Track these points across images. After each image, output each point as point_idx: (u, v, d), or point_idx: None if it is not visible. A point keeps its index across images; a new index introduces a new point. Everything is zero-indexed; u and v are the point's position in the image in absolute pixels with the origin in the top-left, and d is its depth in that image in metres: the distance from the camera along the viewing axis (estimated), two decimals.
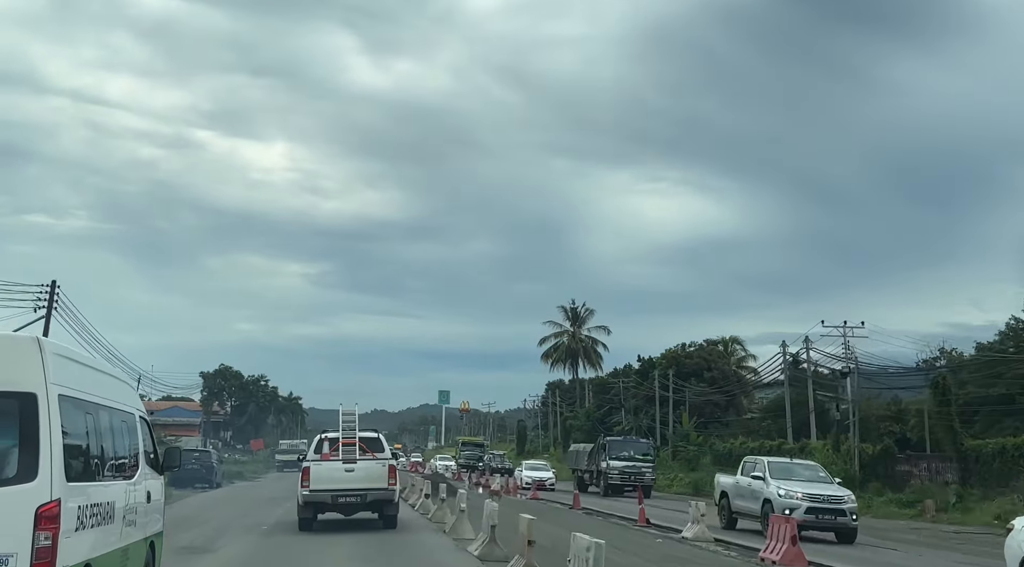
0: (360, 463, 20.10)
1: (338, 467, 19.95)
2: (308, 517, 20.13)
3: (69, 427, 7.39)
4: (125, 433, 9.58)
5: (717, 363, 62.24)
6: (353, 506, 20.30)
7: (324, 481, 19.76)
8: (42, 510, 6.73)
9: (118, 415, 9.34)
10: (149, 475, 10.28)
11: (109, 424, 8.90)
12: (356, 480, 19.87)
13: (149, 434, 10.72)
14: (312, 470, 19.87)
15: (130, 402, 10.29)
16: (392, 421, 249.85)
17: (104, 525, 8.15)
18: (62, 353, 7.85)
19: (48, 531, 6.73)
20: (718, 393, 59.31)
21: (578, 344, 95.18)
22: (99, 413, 8.52)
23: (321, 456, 20.54)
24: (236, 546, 18.12)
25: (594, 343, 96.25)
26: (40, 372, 7.08)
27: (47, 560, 6.72)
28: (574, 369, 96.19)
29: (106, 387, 9.13)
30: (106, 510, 8.21)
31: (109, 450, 8.79)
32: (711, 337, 66.51)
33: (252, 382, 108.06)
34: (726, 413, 61.59)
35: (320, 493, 19.75)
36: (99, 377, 9.11)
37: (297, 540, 18.82)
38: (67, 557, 7.00)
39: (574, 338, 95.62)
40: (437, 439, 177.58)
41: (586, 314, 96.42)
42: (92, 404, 8.33)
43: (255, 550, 17.58)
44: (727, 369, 62.66)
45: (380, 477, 19.99)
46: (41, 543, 6.68)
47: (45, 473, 6.82)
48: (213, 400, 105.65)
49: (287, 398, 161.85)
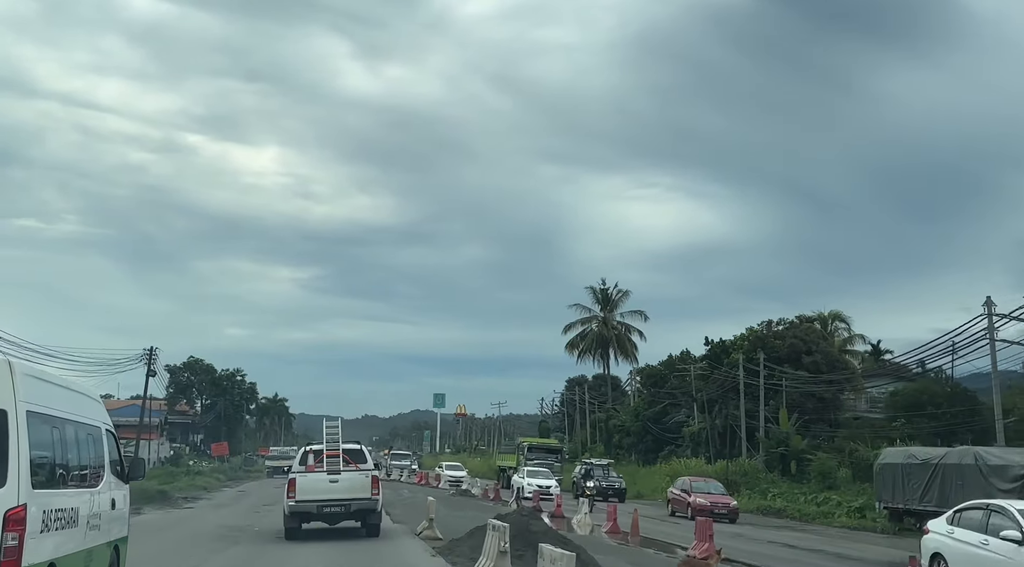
0: (344, 474, 20.45)
1: (323, 478, 20.29)
2: (294, 526, 20.41)
3: (36, 440, 8.09)
4: (91, 445, 10.16)
5: (819, 345, 47.77)
6: (337, 515, 20.60)
7: (310, 492, 20.13)
8: (10, 514, 7.45)
9: (84, 428, 9.98)
10: (114, 484, 10.88)
11: (75, 437, 9.55)
12: (340, 491, 20.25)
13: (116, 446, 11.33)
14: (298, 481, 20.27)
15: (97, 417, 10.80)
16: (383, 427, 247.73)
17: (68, 529, 8.83)
18: (32, 373, 8.70)
19: (15, 532, 7.46)
20: (830, 381, 44.94)
21: (610, 331, 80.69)
22: (66, 427, 9.24)
23: (306, 468, 20.78)
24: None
25: (628, 330, 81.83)
26: (10, 391, 7.82)
27: (14, 558, 7.43)
28: (604, 361, 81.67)
29: (74, 403, 9.84)
30: (70, 515, 8.89)
31: (74, 461, 9.49)
32: (804, 312, 51.91)
33: (226, 377, 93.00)
34: (828, 410, 47.29)
35: (306, 503, 20.16)
36: (68, 394, 9.83)
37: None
38: (32, 556, 7.74)
39: (605, 324, 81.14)
40: (432, 444, 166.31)
41: (619, 297, 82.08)
42: (59, 419, 9.03)
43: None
44: (831, 352, 48.22)
45: (363, 487, 20.42)
46: (8, 543, 7.40)
47: (13, 481, 7.55)
48: (180, 397, 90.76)
49: (271, 399, 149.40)
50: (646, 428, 57.23)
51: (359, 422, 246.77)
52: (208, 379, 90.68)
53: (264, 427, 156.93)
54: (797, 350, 47.55)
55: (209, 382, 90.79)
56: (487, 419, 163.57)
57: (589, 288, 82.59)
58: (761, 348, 47.91)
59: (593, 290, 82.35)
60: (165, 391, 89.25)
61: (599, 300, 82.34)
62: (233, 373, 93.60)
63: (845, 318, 52.39)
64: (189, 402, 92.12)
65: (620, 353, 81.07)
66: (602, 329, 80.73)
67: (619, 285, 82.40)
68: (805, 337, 48.43)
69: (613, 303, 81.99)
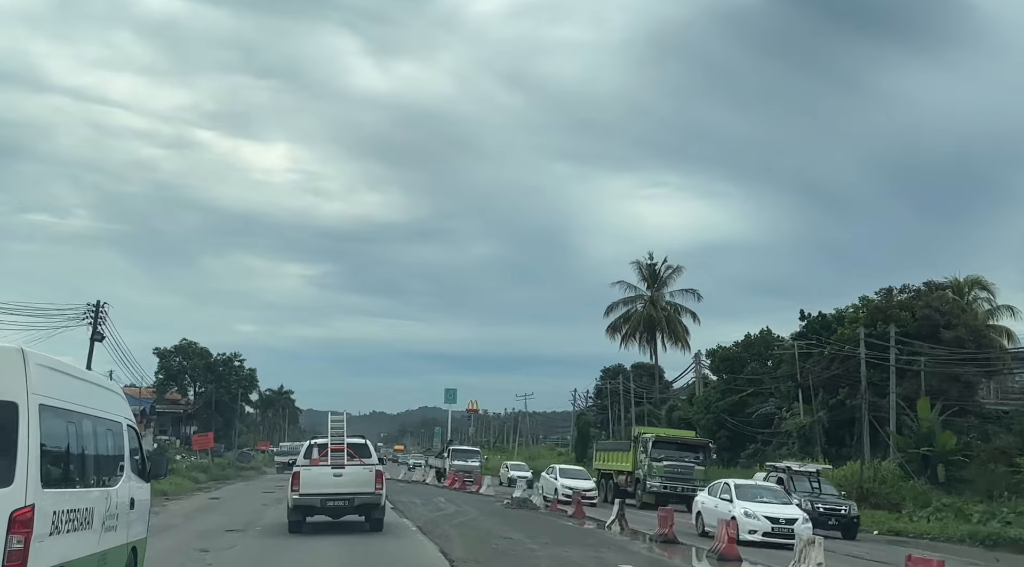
0: (348, 468, 20.22)
1: (327, 472, 20.14)
2: (298, 519, 20.16)
3: (49, 435, 7.50)
4: (109, 441, 9.55)
5: (960, 317, 37.59)
6: (341, 509, 20.33)
7: (313, 485, 19.98)
8: (16, 515, 6.92)
9: (103, 423, 9.33)
10: (134, 482, 10.28)
11: (92, 432, 8.90)
12: (344, 484, 20.08)
13: (137, 442, 10.74)
14: (302, 475, 20.09)
15: (117, 411, 10.16)
16: (391, 423, 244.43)
17: (81, 530, 8.23)
18: (46, 363, 7.91)
19: (21, 535, 6.91)
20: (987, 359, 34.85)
21: (659, 312, 70.52)
22: (82, 422, 8.58)
23: (311, 461, 20.63)
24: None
25: (678, 312, 71.66)
26: (22, 382, 7.27)
27: (18, 562, 6.87)
28: (651, 346, 71.44)
29: (92, 397, 9.13)
30: (84, 516, 8.29)
31: (91, 457, 8.83)
32: (934, 278, 41.46)
33: (222, 362, 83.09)
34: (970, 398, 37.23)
35: (310, 497, 19.93)
36: (86, 387, 9.13)
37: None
38: (40, 560, 7.14)
39: (652, 304, 71.00)
40: (443, 441, 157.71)
41: (669, 274, 71.90)
42: (75, 413, 8.38)
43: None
44: (976, 326, 38.01)
45: (367, 482, 20.20)
46: (13, 546, 6.86)
47: (21, 479, 7.00)
48: (170, 385, 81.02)
49: (276, 391, 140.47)
50: (720, 421, 47.17)
51: (367, 418, 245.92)
52: (202, 364, 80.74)
53: (268, 420, 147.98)
54: (932, 323, 37.39)
55: (203, 368, 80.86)
56: (499, 416, 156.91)
57: (634, 263, 72.50)
58: (883, 320, 37.82)
59: (639, 265, 72.20)
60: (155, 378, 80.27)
61: (645, 277, 72.22)
62: (230, 358, 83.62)
63: (988, 285, 41.97)
64: (181, 390, 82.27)
65: (670, 337, 70.91)
66: (649, 310, 70.60)
67: (668, 260, 72.40)
68: (941, 307, 38.20)
69: (662, 281, 71.86)
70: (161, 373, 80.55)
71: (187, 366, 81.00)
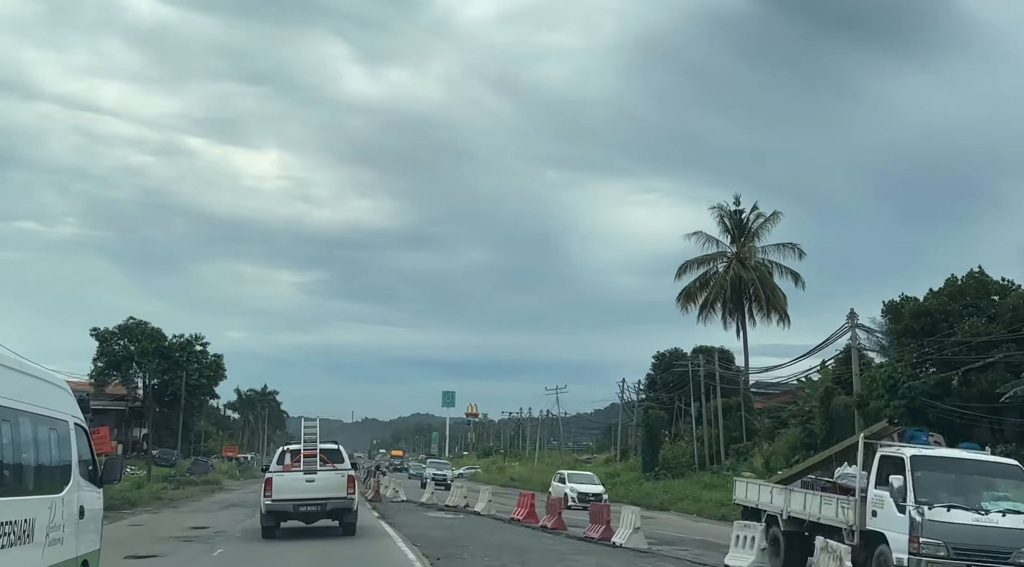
0: (320, 473, 20.62)
1: (299, 478, 20.53)
2: (271, 525, 20.52)
3: None
4: (54, 442, 8.73)
5: None
6: (314, 514, 20.81)
7: (286, 491, 20.32)
8: None
9: (46, 422, 8.48)
10: (84, 488, 9.47)
11: (32, 432, 8.04)
12: (316, 490, 20.45)
13: (87, 443, 9.90)
14: (275, 481, 20.49)
15: (63, 408, 9.27)
16: (384, 430, 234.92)
17: (19, 545, 7.42)
18: None
19: None
20: None
21: (750, 273, 53.36)
22: (19, 419, 7.68)
23: (283, 467, 21.01)
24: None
25: (772, 272, 54.46)
26: None
27: None
28: (739, 316, 54.04)
29: (31, 391, 8.25)
30: (22, 528, 7.49)
31: (30, 461, 7.99)
32: None
33: (179, 346, 65.47)
34: None
35: (282, 502, 20.35)
36: (23, 379, 8.13)
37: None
38: None
39: (740, 263, 53.85)
40: (441, 447, 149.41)
41: (759, 225, 54.73)
42: (10, 409, 7.50)
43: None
44: None
45: (339, 487, 20.59)
46: None
47: None
48: (112, 375, 63.46)
49: (259, 392, 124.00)
50: (917, 411, 30.06)
51: (360, 425, 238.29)
52: (153, 348, 63.09)
53: (249, 424, 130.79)
54: None
55: (155, 353, 63.20)
56: (494, 421, 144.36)
57: (715, 207, 55.28)
58: None
59: (720, 211, 55.04)
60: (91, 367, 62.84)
61: (728, 228, 55.16)
62: (189, 341, 65.97)
63: None
64: (125, 382, 64.61)
65: (763, 306, 53.65)
66: (736, 269, 53.46)
67: (759, 207, 55.20)
68: None
69: (751, 233, 54.77)
70: (101, 360, 63.18)
71: (134, 351, 63.30)
